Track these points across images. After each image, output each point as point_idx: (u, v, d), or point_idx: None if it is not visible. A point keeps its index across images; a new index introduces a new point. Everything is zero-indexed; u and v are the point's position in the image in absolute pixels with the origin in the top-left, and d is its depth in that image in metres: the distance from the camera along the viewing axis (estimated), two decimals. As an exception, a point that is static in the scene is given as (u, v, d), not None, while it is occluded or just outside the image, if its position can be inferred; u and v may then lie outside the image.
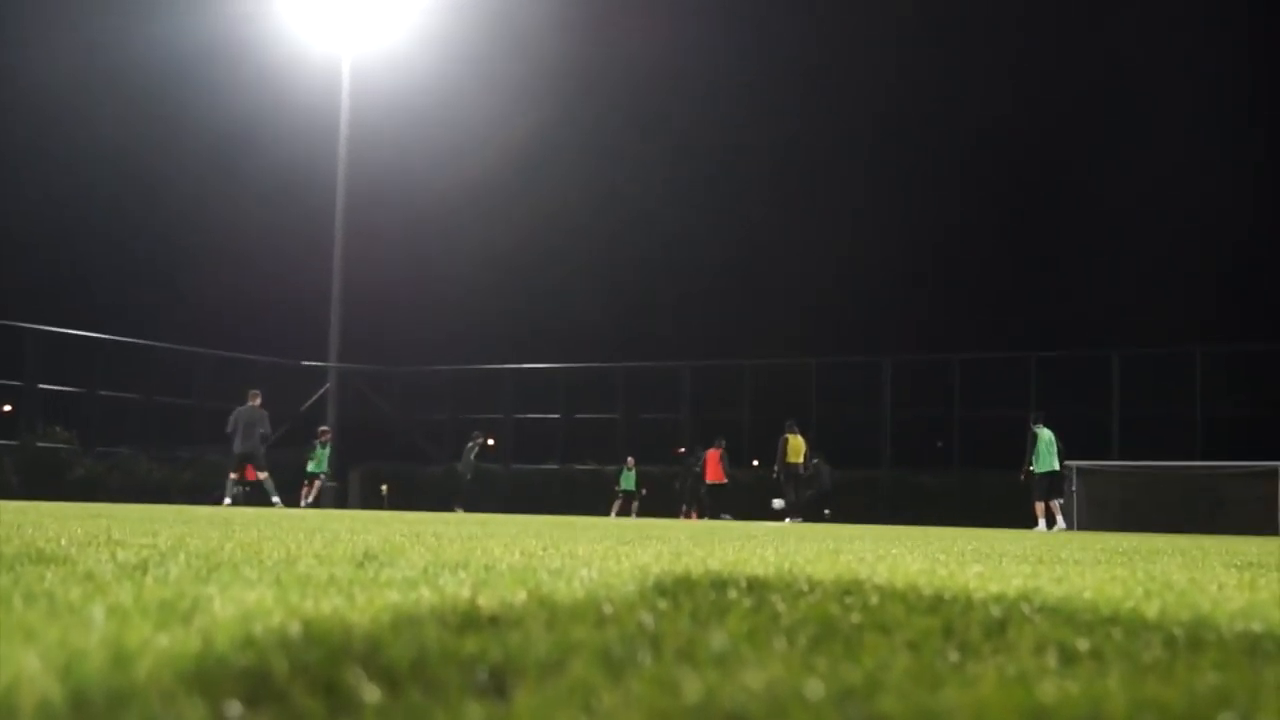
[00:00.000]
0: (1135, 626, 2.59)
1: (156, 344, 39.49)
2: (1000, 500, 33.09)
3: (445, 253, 58.49)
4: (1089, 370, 38.46)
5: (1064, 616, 2.77)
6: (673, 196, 57.83)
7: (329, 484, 35.51)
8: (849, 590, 3.31)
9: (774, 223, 59.92)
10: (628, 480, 36.61)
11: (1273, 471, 31.83)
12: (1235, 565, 6.43)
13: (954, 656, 2.01)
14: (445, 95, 50.71)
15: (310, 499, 33.83)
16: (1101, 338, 44.18)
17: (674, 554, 5.89)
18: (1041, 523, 25.75)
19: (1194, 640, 2.37)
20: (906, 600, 3.04)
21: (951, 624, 2.49)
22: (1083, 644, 2.20)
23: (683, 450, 39.51)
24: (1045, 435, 26.45)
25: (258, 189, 54.28)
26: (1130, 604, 3.21)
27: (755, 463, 38.64)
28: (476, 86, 53.26)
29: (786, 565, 4.83)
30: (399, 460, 43.75)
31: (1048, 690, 1.64)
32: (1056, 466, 26.45)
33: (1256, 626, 2.66)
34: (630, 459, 37.14)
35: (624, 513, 34.92)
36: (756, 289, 59.83)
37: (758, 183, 60.90)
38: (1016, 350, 40.04)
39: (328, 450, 34.71)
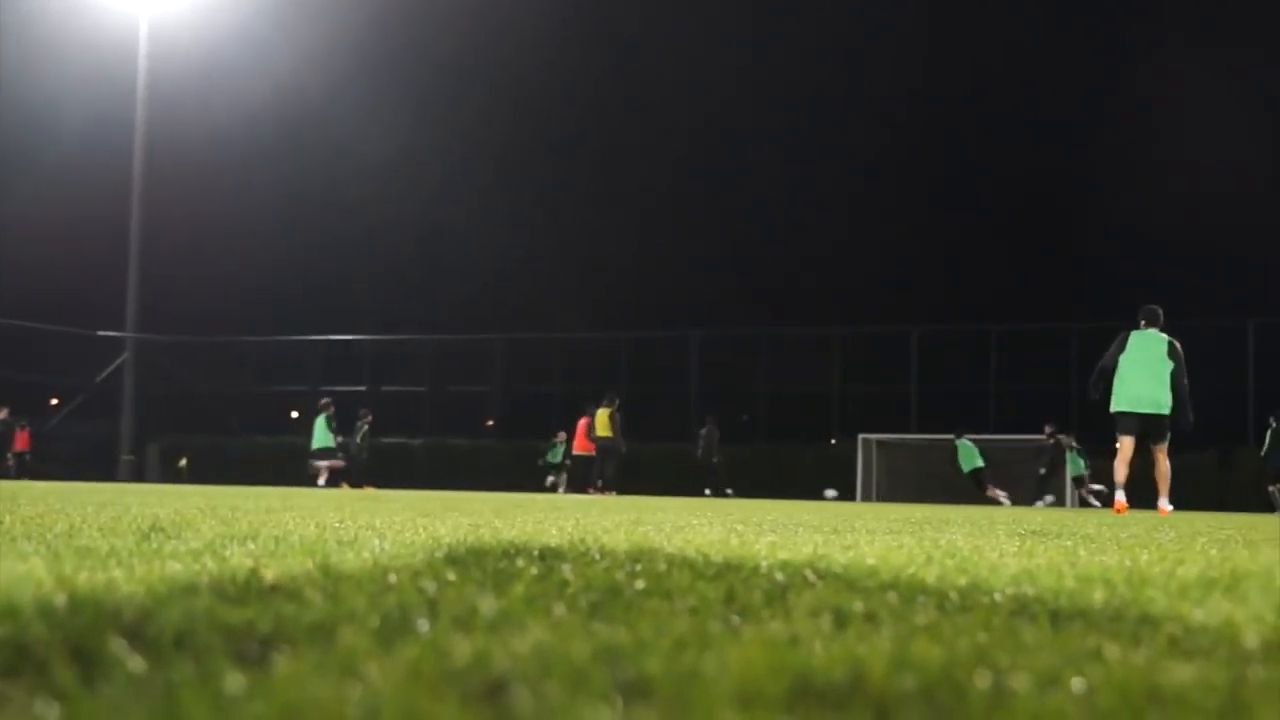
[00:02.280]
0: (912, 591, 2.65)
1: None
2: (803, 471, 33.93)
3: (248, 219, 57.29)
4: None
5: (845, 582, 2.83)
6: (472, 154, 57.40)
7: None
8: (639, 558, 3.34)
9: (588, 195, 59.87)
10: (554, 455, 35.80)
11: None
12: (1019, 534, 6.65)
13: (733, 621, 2.03)
14: (247, 56, 49.63)
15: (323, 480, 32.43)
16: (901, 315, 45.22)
17: (472, 525, 5.87)
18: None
19: (966, 603, 2.44)
20: (694, 568, 3.08)
21: (734, 590, 2.52)
22: (858, 607, 2.25)
23: (490, 423, 39.41)
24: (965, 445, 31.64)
25: (53, 155, 52.44)
26: (911, 570, 3.30)
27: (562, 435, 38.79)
28: (279, 46, 52.16)
29: (582, 535, 4.85)
30: (202, 433, 42.80)
31: (814, 651, 1.68)
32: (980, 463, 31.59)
33: (1028, 590, 2.75)
34: (561, 434, 36.12)
35: (554, 488, 34.36)
36: (574, 260, 59.79)
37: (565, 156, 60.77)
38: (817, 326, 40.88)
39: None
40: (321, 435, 31.97)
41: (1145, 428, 15.82)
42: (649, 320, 47.40)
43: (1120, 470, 15.98)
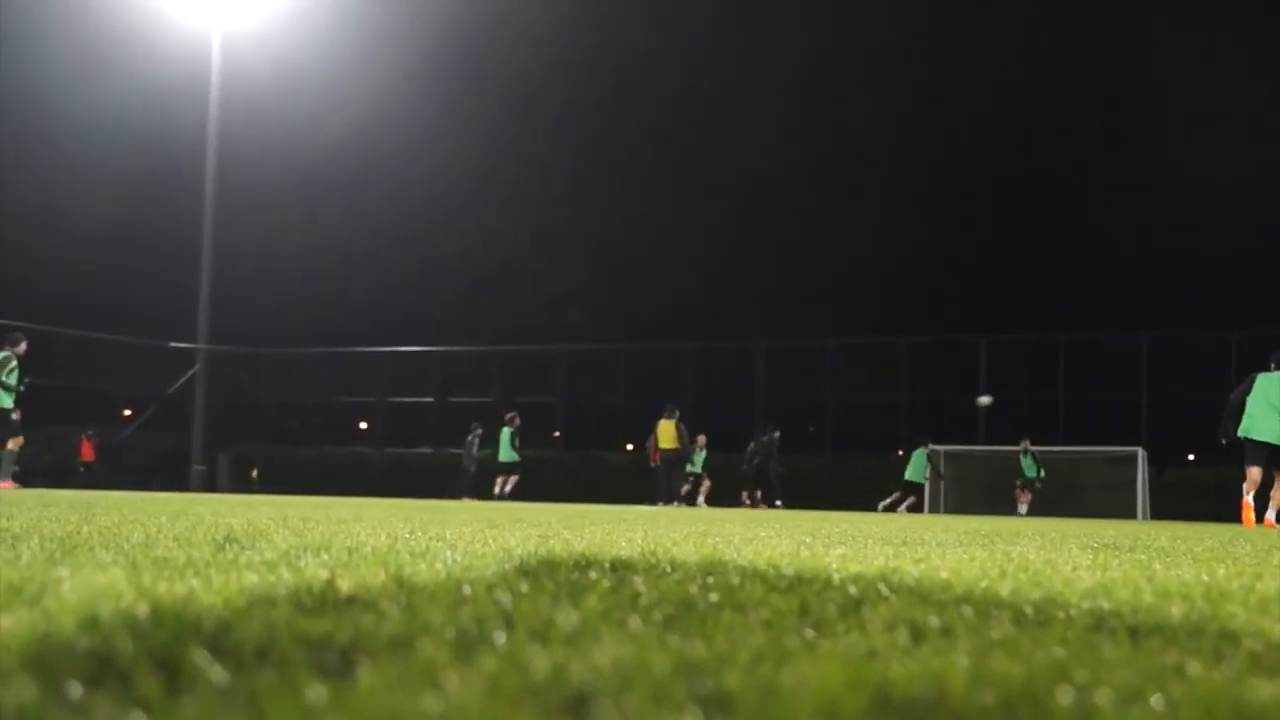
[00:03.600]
0: (987, 605, 2.63)
1: (16, 324, 38.54)
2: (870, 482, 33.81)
3: (318, 235, 57.81)
4: (959, 356, 39.24)
5: (919, 596, 2.81)
6: (551, 177, 57.61)
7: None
8: (711, 571, 3.33)
9: (649, 216, 59.86)
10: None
11: (1132, 456, 32.73)
12: (1091, 547, 6.58)
13: (808, 634, 2.03)
14: (318, 73, 50.12)
15: (507, 488, 32.92)
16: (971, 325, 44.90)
17: (541, 537, 5.89)
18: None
19: (1042, 617, 2.42)
20: (766, 580, 3.07)
21: (808, 603, 2.51)
22: (934, 621, 2.24)
23: (557, 435, 39.43)
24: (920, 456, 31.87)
25: (127, 168, 53.13)
26: (985, 583, 3.27)
27: (629, 447, 38.81)
28: (350, 64, 52.65)
29: (652, 547, 4.85)
30: (271, 443, 43.20)
31: (894, 666, 1.67)
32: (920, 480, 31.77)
33: (1104, 604, 2.73)
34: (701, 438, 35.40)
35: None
36: (638, 275, 59.80)
37: (638, 170, 60.81)
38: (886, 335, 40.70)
39: (509, 434, 33.64)
40: (506, 449, 33.05)
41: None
42: (712, 331, 47.37)
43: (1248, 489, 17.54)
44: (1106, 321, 41.65)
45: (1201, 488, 32.33)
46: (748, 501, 32.31)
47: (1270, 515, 17.09)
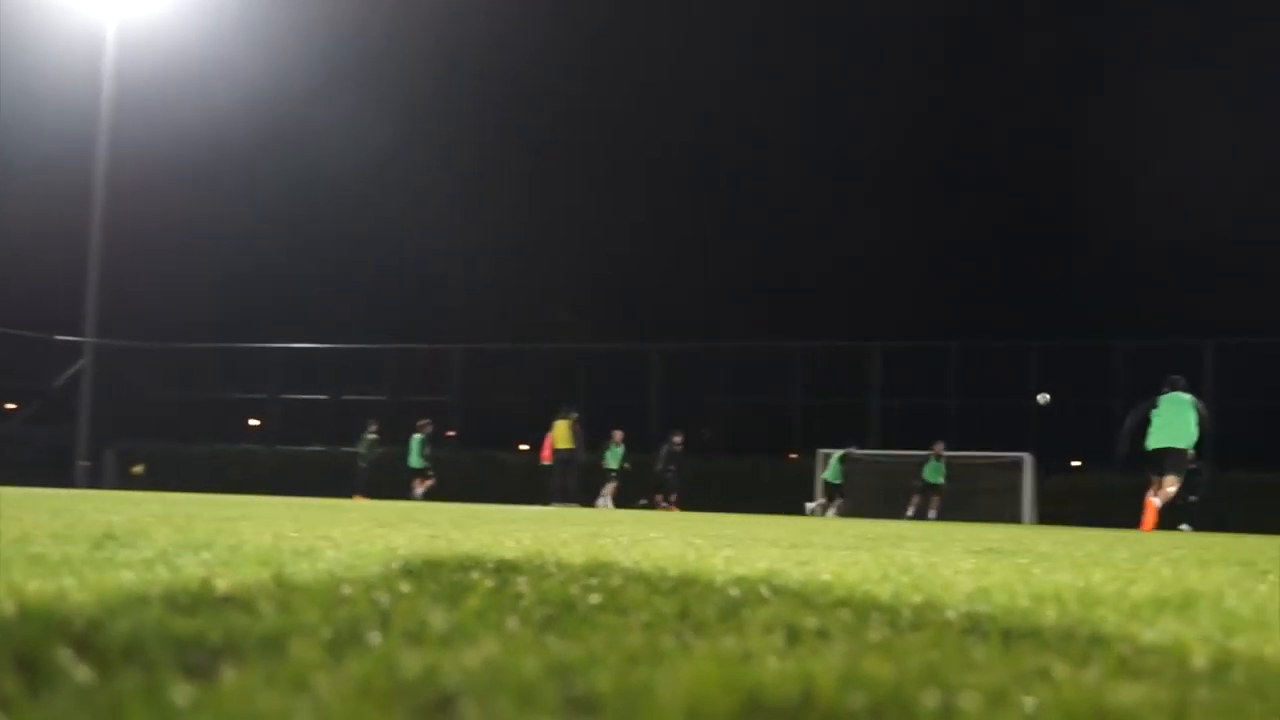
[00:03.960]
0: (866, 607, 2.66)
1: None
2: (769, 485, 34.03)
3: (212, 229, 56.95)
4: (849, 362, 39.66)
5: (800, 598, 2.84)
6: (456, 171, 57.07)
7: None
8: (595, 573, 3.33)
9: (552, 208, 59.53)
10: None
11: (1019, 462, 33.21)
12: (974, 551, 6.68)
13: (687, 637, 2.03)
14: (215, 61, 49.37)
15: (419, 491, 32.58)
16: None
17: (430, 537, 5.86)
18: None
19: (919, 621, 2.45)
20: (650, 582, 3.08)
21: (689, 605, 2.52)
22: (811, 624, 2.25)
23: (453, 434, 39.16)
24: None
25: (14, 158, 51.91)
26: (866, 587, 3.31)
27: (525, 447, 38.68)
28: (248, 52, 51.85)
29: (539, 548, 4.84)
30: (159, 439, 42.44)
31: (766, 668, 1.68)
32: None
33: (980, 608, 2.77)
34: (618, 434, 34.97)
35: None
36: (533, 272, 59.53)
37: (546, 163, 60.40)
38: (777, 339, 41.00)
39: (420, 440, 33.55)
40: (415, 455, 33.22)
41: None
42: (611, 333, 47.30)
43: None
44: (998, 330, 42.16)
45: (1086, 493, 32.89)
46: (664, 504, 32.34)
47: (1153, 498, 19.00)
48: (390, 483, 33.45)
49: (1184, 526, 21.93)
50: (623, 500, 32.49)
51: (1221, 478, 28.93)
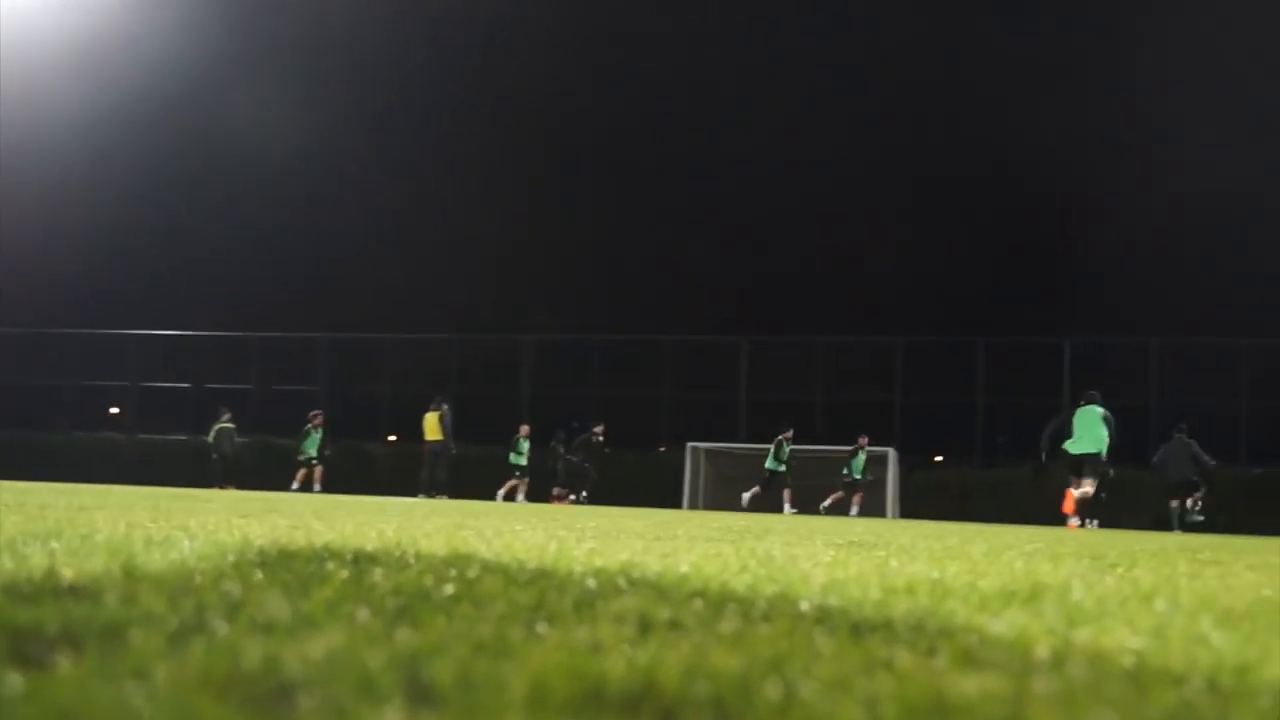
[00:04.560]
0: (721, 599, 2.68)
1: None
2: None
3: (70, 214, 55.52)
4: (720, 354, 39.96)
5: (656, 590, 2.85)
6: (336, 158, 56.25)
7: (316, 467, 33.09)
8: (454, 564, 3.32)
9: (438, 193, 58.65)
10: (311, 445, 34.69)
11: (883, 456, 33.69)
12: (836, 544, 6.76)
13: (540, 628, 2.03)
14: (95, 43, 48.08)
15: (314, 485, 32.10)
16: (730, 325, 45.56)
17: (291, 527, 5.79)
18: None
19: (771, 612, 2.47)
20: (508, 574, 3.07)
21: (545, 597, 2.53)
22: (664, 615, 2.27)
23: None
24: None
25: None
26: (723, 578, 3.33)
27: (393, 438, 38.40)
28: (126, 37, 50.57)
29: (401, 539, 4.81)
30: (14, 427, 41.35)
31: (613, 659, 1.69)
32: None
33: (834, 600, 2.81)
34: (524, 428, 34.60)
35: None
36: (408, 261, 58.83)
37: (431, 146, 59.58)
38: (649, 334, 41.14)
39: (320, 434, 33.09)
40: (312, 445, 33.04)
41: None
42: (482, 322, 47.13)
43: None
44: (864, 325, 42.79)
45: (949, 488, 33.54)
46: (572, 498, 32.26)
47: (1073, 490, 22.12)
48: (257, 472, 33.06)
49: (1093, 522, 23.41)
50: (538, 494, 32.33)
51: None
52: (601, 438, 33.51)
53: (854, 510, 31.43)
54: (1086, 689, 1.71)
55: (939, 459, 38.13)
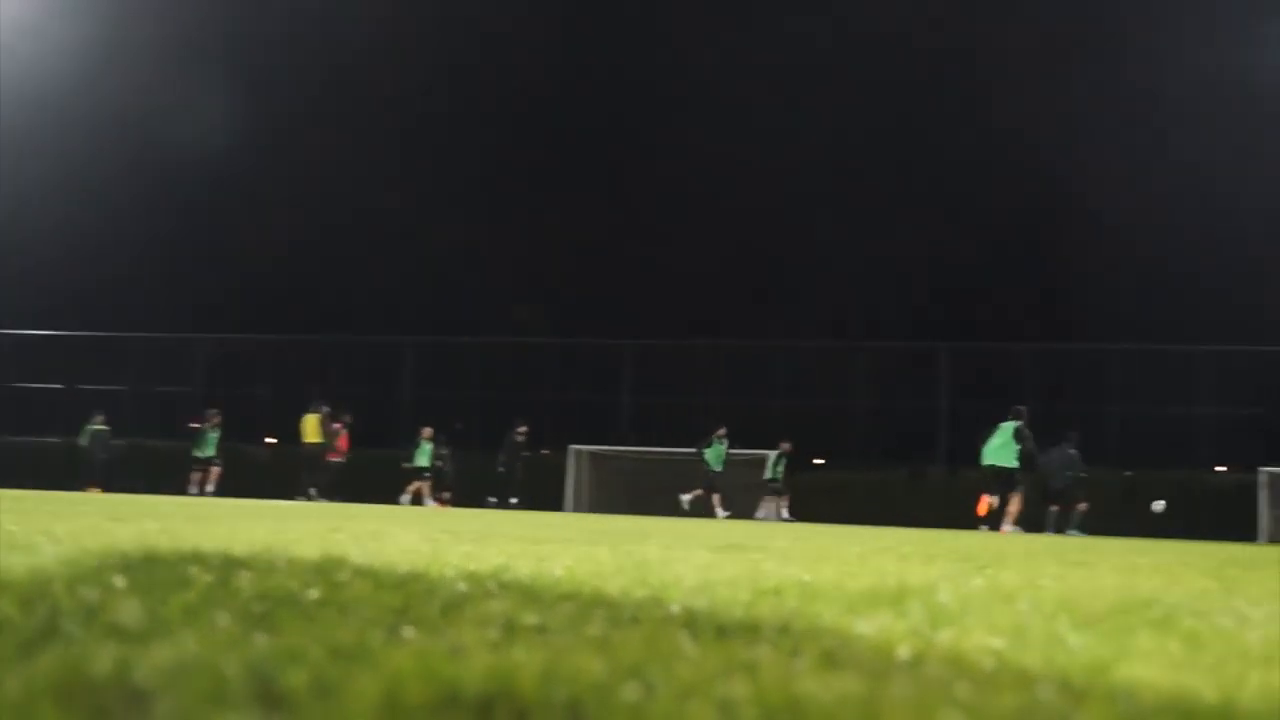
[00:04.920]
0: (591, 602, 2.69)
1: None
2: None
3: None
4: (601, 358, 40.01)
5: (527, 594, 2.85)
6: (217, 150, 54.97)
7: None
8: (324, 568, 3.29)
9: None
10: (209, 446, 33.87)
11: (761, 460, 33.90)
12: (714, 547, 6.80)
13: (405, 632, 2.02)
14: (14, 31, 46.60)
15: (209, 486, 31.27)
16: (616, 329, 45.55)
17: (161, 531, 5.69)
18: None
19: (640, 616, 2.48)
20: (378, 578, 3.05)
21: (412, 601, 2.51)
22: (531, 619, 2.27)
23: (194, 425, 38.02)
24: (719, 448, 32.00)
25: None
26: (596, 581, 3.34)
27: (272, 440, 37.90)
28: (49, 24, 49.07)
29: (271, 544, 4.75)
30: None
31: (473, 663, 1.69)
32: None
33: (702, 603, 2.82)
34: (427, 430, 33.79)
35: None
36: (292, 267, 57.80)
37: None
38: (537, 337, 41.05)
39: (217, 434, 32.22)
40: (207, 446, 32.41)
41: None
42: (362, 324, 46.56)
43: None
44: (743, 329, 42.98)
45: (831, 491, 33.80)
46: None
47: (1006, 527, 23.13)
48: (130, 475, 32.48)
49: (1072, 531, 24.88)
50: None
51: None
52: (523, 437, 33.41)
53: (783, 513, 31.62)
54: (940, 690, 1.74)
55: (819, 461, 38.46)
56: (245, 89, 54.04)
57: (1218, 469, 35.03)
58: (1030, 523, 24.41)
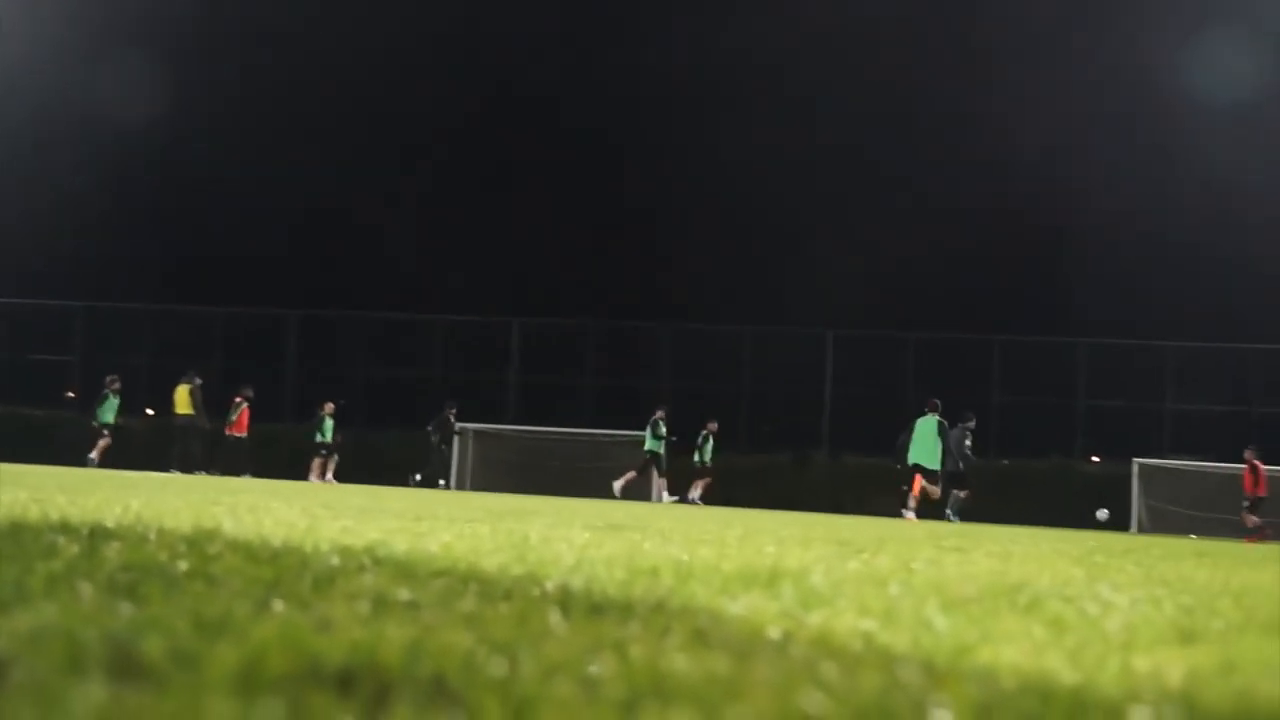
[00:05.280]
0: (465, 579, 2.68)
1: None
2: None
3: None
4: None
5: (401, 569, 2.84)
6: (126, 123, 53.60)
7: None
8: (196, 540, 3.25)
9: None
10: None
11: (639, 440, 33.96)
12: (595, 527, 6.82)
13: (275, 606, 2.01)
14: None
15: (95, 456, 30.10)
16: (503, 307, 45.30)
17: (33, 501, 5.58)
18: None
19: (513, 593, 2.48)
20: (250, 551, 3.03)
21: (284, 574, 2.49)
22: (403, 595, 2.26)
23: (71, 395, 37.32)
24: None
25: None
26: (473, 558, 3.34)
27: (150, 411, 37.29)
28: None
29: (146, 515, 4.68)
30: None
31: (338, 637, 1.68)
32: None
33: (577, 581, 2.83)
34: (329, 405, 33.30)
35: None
36: (182, 234, 56.58)
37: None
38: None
39: (118, 400, 31.23)
40: (110, 413, 31.49)
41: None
42: (247, 296, 45.80)
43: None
44: (636, 312, 42.98)
45: (718, 473, 33.99)
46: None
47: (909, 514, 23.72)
48: (6, 443, 31.82)
49: (951, 516, 25.22)
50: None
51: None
52: (454, 417, 33.31)
53: (694, 494, 31.49)
54: (805, 670, 1.76)
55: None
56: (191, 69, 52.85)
57: (1093, 459, 35.88)
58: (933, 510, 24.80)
